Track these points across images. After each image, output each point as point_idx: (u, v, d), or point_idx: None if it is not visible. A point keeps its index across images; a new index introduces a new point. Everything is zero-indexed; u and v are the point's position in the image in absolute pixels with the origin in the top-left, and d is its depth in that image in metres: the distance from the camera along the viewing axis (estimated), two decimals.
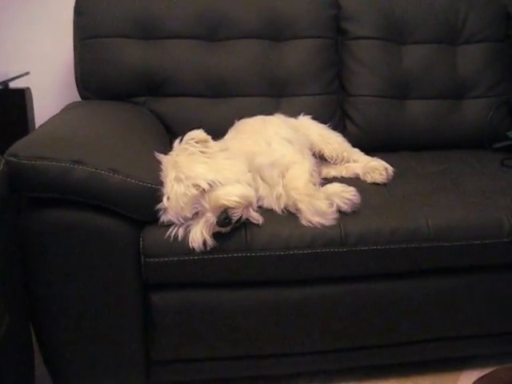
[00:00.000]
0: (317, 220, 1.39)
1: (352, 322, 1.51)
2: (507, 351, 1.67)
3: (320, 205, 1.39)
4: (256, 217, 1.39)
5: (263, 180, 1.50)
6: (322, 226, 1.40)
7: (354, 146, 1.88)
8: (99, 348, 1.43)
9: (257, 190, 1.45)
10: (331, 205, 1.40)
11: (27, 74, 1.94)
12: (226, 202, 1.31)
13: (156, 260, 1.36)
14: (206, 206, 1.32)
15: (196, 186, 1.32)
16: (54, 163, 1.26)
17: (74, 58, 1.90)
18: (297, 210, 1.42)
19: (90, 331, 1.40)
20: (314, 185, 1.48)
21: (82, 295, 1.37)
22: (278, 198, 1.47)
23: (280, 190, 1.47)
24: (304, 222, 1.41)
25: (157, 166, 1.41)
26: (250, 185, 1.41)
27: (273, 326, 1.47)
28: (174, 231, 1.35)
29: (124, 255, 1.36)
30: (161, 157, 1.44)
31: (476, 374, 1.59)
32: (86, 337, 1.41)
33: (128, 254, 1.36)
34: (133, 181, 1.31)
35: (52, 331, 1.40)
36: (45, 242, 1.32)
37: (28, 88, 1.92)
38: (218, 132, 1.61)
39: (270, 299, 1.45)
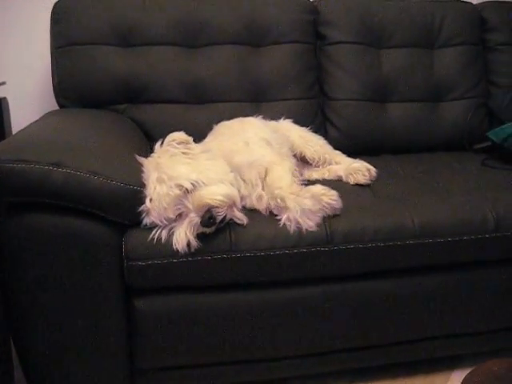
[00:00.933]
0: (303, 220, 1.37)
1: (340, 324, 1.49)
2: (497, 348, 1.66)
3: (306, 203, 1.37)
4: (240, 217, 1.38)
5: (243, 180, 1.48)
6: (307, 227, 1.37)
7: (336, 149, 1.88)
8: (80, 357, 1.38)
9: (239, 190, 1.43)
10: (317, 204, 1.38)
11: (3, 83, 1.92)
12: (210, 201, 1.29)
13: (139, 263, 1.33)
14: (190, 206, 1.30)
15: (179, 186, 1.30)
16: (33, 166, 1.23)
17: (52, 67, 1.88)
18: (281, 208, 1.39)
19: (70, 339, 1.36)
20: (299, 184, 1.47)
21: (62, 302, 1.33)
22: (259, 199, 1.45)
23: (260, 191, 1.45)
24: (287, 221, 1.37)
25: (138, 169, 1.39)
26: (232, 185, 1.39)
27: (261, 330, 1.44)
28: (158, 233, 1.33)
29: (106, 259, 1.32)
30: (142, 159, 1.42)
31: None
32: (65, 345, 1.37)
33: (110, 258, 1.32)
34: (114, 182, 1.28)
35: (30, 340, 1.36)
36: (23, 247, 1.28)
37: (5, 98, 1.89)
38: (198, 138, 1.59)
39: (256, 302, 1.43)
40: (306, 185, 1.47)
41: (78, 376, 1.40)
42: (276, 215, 1.41)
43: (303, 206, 1.36)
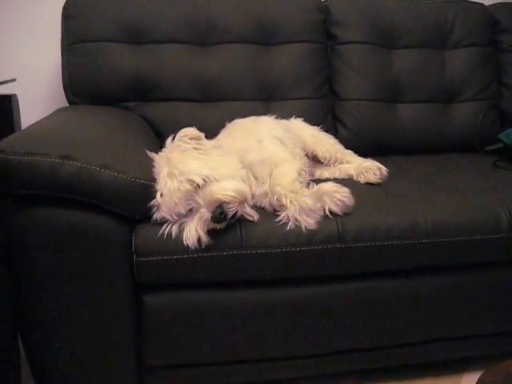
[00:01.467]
0: (303, 218, 1.34)
1: (351, 323, 1.47)
2: (509, 351, 1.63)
3: (306, 201, 1.34)
4: (251, 213, 1.36)
5: (254, 177, 1.47)
6: (307, 225, 1.34)
7: (346, 149, 1.86)
8: (88, 354, 1.37)
9: (250, 187, 1.41)
10: (318, 203, 1.36)
11: (14, 80, 1.90)
12: (221, 197, 1.27)
13: (149, 259, 1.31)
14: (201, 201, 1.29)
15: (190, 181, 1.29)
16: (43, 159, 1.22)
17: (62, 63, 1.87)
18: (280, 206, 1.37)
19: (78, 336, 1.35)
20: (302, 184, 1.44)
21: (70, 297, 1.31)
22: (263, 195, 1.43)
23: (266, 187, 1.43)
24: (285, 220, 1.35)
25: (149, 164, 1.38)
26: (244, 181, 1.38)
27: (270, 328, 1.42)
28: (168, 229, 1.31)
29: (115, 254, 1.31)
30: (153, 154, 1.41)
31: (479, 376, 1.55)
32: (74, 342, 1.35)
33: (120, 253, 1.31)
34: (125, 177, 1.27)
35: (38, 337, 1.34)
36: (31, 241, 1.26)
37: (14, 95, 1.88)
38: (208, 136, 1.58)
39: (267, 300, 1.41)
40: (317, 183, 1.45)
41: (86, 373, 1.38)
42: (277, 211, 1.39)
43: (302, 204, 1.33)
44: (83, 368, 1.38)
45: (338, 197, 1.38)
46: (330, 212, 1.38)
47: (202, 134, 1.44)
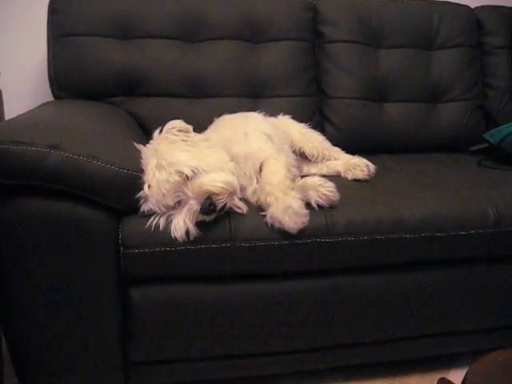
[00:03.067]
0: (285, 219, 1.29)
1: (338, 318, 1.46)
2: (496, 347, 1.62)
3: (292, 202, 1.30)
4: (240, 205, 1.35)
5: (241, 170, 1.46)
6: (287, 228, 1.30)
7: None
8: (73, 349, 1.34)
9: (239, 179, 1.40)
10: (303, 206, 1.32)
11: None
12: (210, 188, 1.26)
13: (136, 251, 1.29)
14: (189, 193, 1.28)
15: (179, 172, 1.28)
16: (30, 148, 1.19)
17: (48, 57, 1.85)
18: (267, 204, 1.34)
19: (63, 330, 1.32)
20: (292, 181, 1.43)
21: (55, 290, 1.29)
22: (253, 192, 1.42)
23: (255, 184, 1.43)
24: (269, 219, 1.32)
25: (137, 155, 1.36)
26: (233, 173, 1.37)
27: (259, 323, 1.41)
28: (156, 221, 1.30)
29: (102, 246, 1.29)
30: (140, 146, 1.40)
31: (465, 372, 1.55)
32: (58, 336, 1.32)
33: (106, 245, 1.29)
34: (112, 167, 1.25)
35: (22, 330, 1.31)
36: (16, 232, 1.24)
37: None
38: (196, 132, 1.56)
39: (255, 293, 1.40)
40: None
41: (70, 367, 1.36)
42: (262, 210, 1.36)
43: (288, 206, 1.30)
44: (67, 363, 1.35)
45: (322, 191, 1.37)
46: (317, 205, 1.37)
47: (190, 127, 1.44)
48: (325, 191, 1.38)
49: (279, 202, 1.31)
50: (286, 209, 1.30)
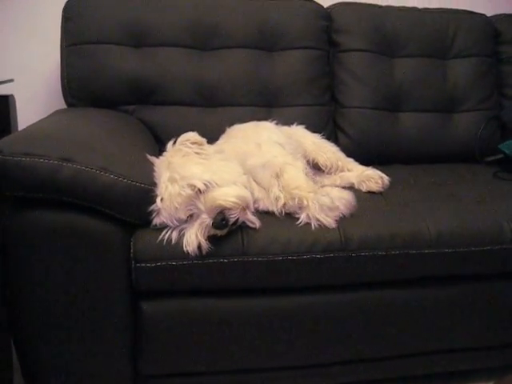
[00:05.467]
0: (322, 217, 1.35)
1: (352, 334, 1.44)
2: (510, 364, 1.61)
3: (325, 200, 1.35)
4: (253, 220, 1.34)
5: (256, 182, 1.45)
6: (327, 224, 1.35)
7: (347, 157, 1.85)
8: (84, 361, 1.33)
9: (252, 193, 1.39)
10: (335, 198, 1.37)
11: (11, 81, 1.87)
12: (223, 203, 1.25)
13: (147, 265, 1.28)
14: (202, 207, 1.26)
15: (191, 186, 1.27)
16: (42, 160, 1.19)
17: (61, 65, 1.85)
18: (301, 208, 1.36)
19: (74, 342, 1.31)
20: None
21: (66, 303, 1.28)
22: (276, 199, 1.41)
23: (277, 191, 1.41)
24: (306, 220, 1.35)
25: (149, 168, 1.36)
26: (246, 187, 1.36)
27: (271, 337, 1.40)
28: (168, 234, 1.29)
29: (113, 260, 1.28)
30: (153, 159, 1.39)
31: None
32: (69, 349, 1.31)
33: (118, 258, 1.28)
34: (124, 180, 1.24)
35: (33, 342, 1.31)
36: (28, 244, 1.23)
37: (12, 95, 1.85)
38: (208, 141, 1.55)
39: (268, 308, 1.38)
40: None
41: (80, 378, 1.35)
42: (293, 216, 1.38)
43: (322, 203, 1.35)
44: (77, 375, 1.35)
45: (342, 195, 1.40)
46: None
47: (204, 140, 1.43)
48: (344, 195, 1.40)
49: (314, 202, 1.35)
50: (321, 207, 1.34)
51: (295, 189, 1.38)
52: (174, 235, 1.29)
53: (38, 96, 2.07)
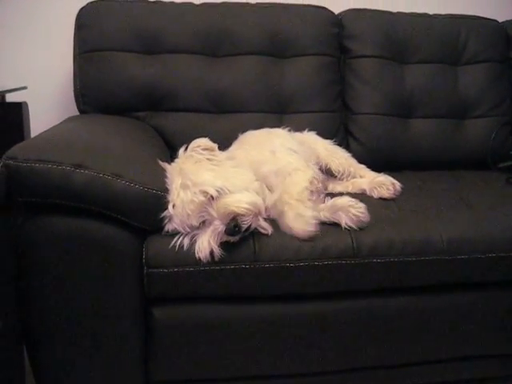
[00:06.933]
0: (295, 226, 1.31)
1: (365, 341, 1.44)
2: None
3: (304, 210, 1.32)
4: (265, 226, 1.34)
5: (269, 189, 1.45)
6: (299, 235, 1.32)
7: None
8: (95, 367, 1.34)
9: (264, 200, 1.39)
10: (315, 217, 1.33)
11: (25, 88, 1.90)
12: (235, 209, 1.25)
13: (160, 271, 1.29)
14: (214, 214, 1.27)
15: (204, 192, 1.27)
16: (55, 166, 1.20)
17: (74, 72, 1.87)
18: (282, 212, 1.35)
19: (85, 347, 1.32)
20: (312, 193, 1.44)
21: (78, 308, 1.29)
22: (274, 204, 1.40)
23: (276, 195, 1.41)
24: (282, 227, 1.34)
25: (161, 174, 1.36)
26: (258, 193, 1.36)
27: (284, 344, 1.39)
28: (180, 241, 1.29)
29: (125, 266, 1.28)
30: (165, 165, 1.39)
31: None
32: (81, 354, 1.32)
33: (130, 264, 1.29)
34: (137, 186, 1.25)
35: (46, 348, 1.32)
36: (41, 250, 1.25)
37: (25, 102, 1.87)
38: (220, 148, 1.55)
39: (280, 315, 1.38)
40: (331, 197, 1.43)
41: None
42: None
43: (299, 214, 1.32)
44: (88, 381, 1.35)
45: (353, 212, 1.36)
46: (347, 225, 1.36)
47: (216, 145, 1.43)
48: (356, 212, 1.36)
49: (292, 210, 1.32)
50: (297, 216, 1.31)
51: (285, 194, 1.37)
52: (186, 241, 1.29)
53: (50, 103, 2.09)
